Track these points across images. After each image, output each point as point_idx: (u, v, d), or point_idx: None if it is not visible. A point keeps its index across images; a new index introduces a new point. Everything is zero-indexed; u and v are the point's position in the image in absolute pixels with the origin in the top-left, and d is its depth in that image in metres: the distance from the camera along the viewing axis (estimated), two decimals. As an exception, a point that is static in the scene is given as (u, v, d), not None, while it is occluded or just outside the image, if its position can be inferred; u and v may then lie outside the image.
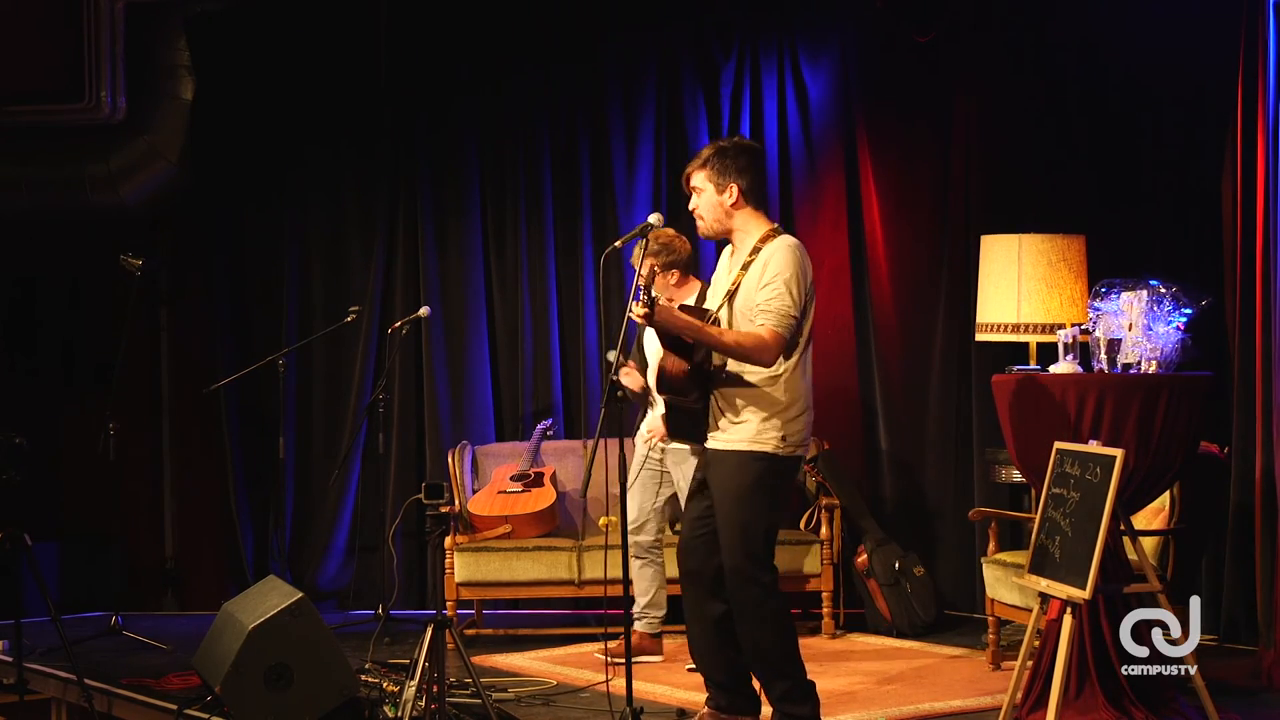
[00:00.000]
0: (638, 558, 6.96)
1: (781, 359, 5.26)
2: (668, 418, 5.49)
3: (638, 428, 7.16)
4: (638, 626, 6.96)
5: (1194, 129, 7.26)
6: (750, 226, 5.39)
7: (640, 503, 6.92)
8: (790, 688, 5.38)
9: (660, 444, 6.80)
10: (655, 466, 6.92)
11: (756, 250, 5.33)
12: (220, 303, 8.88)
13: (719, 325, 5.31)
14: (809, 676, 5.47)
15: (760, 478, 5.26)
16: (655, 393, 5.71)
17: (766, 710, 5.55)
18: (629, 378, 6.75)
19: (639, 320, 5.20)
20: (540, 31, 8.60)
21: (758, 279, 5.27)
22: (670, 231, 6.83)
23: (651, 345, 6.78)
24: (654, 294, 5.25)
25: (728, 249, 5.54)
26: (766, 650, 5.35)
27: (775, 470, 5.29)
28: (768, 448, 5.26)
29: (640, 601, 6.96)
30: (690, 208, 5.47)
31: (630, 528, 6.89)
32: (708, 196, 5.39)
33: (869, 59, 8.25)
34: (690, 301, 6.63)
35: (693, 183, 5.42)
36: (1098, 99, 7.57)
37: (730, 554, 5.30)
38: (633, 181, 8.50)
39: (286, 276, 8.81)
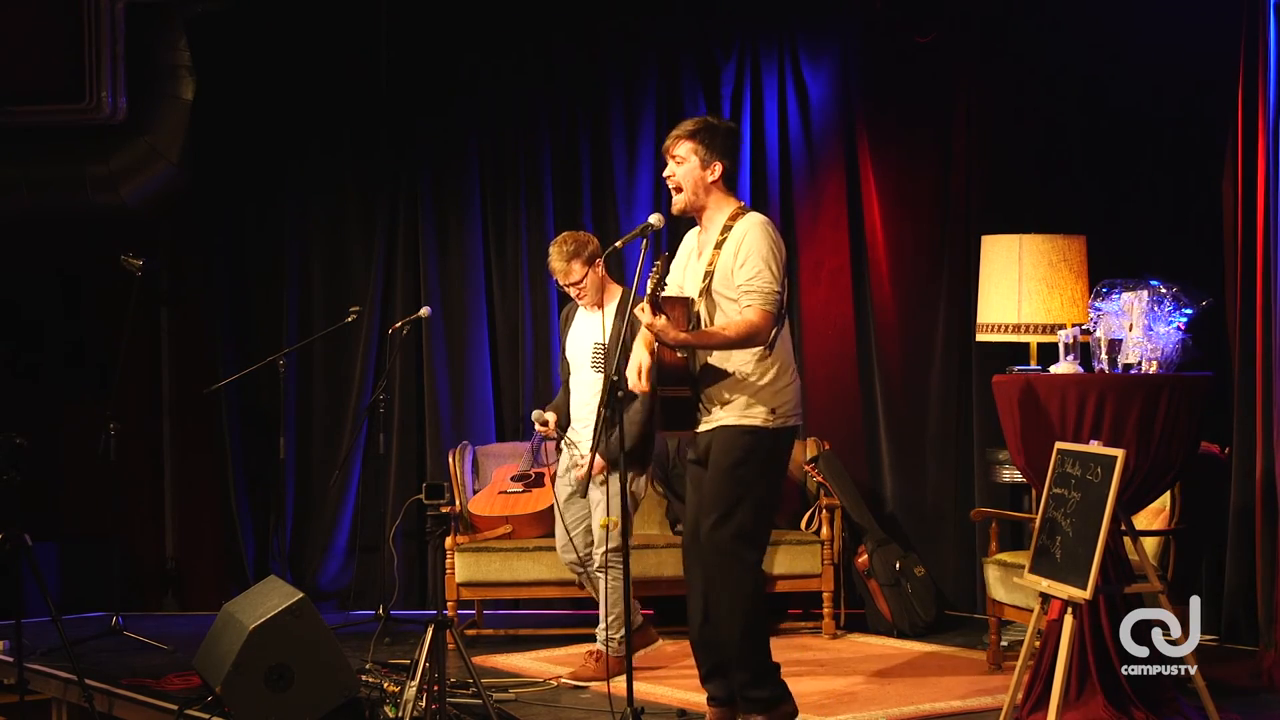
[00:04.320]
0: (578, 574, 6.92)
1: None
2: (661, 411, 5.47)
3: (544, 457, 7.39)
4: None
5: (1194, 129, 7.27)
6: (722, 206, 5.46)
7: (567, 520, 6.82)
8: (755, 673, 5.38)
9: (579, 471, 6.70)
10: (574, 484, 6.78)
11: (727, 229, 5.39)
12: (220, 303, 8.89)
13: (699, 316, 5.37)
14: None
15: (751, 450, 5.31)
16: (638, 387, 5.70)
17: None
18: (543, 427, 6.78)
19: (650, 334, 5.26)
20: (541, 32, 8.60)
21: (733, 258, 5.32)
22: (572, 234, 6.82)
23: (575, 349, 6.79)
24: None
25: (692, 233, 5.60)
26: (734, 630, 5.35)
27: (763, 444, 5.33)
28: (756, 421, 5.32)
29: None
30: (666, 175, 5.49)
31: (559, 545, 6.91)
32: (690, 168, 5.42)
33: (869, 59, 8.26)
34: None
35: (676, 151, 5.45)
36: (1098, 99, 7.57)
37: (712, 525, 5.30)
38: (633, 181, 8.51)
39: (286, 276, 8.82)
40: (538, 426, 6.86)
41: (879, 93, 8.26)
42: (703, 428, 5.41)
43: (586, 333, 6.75)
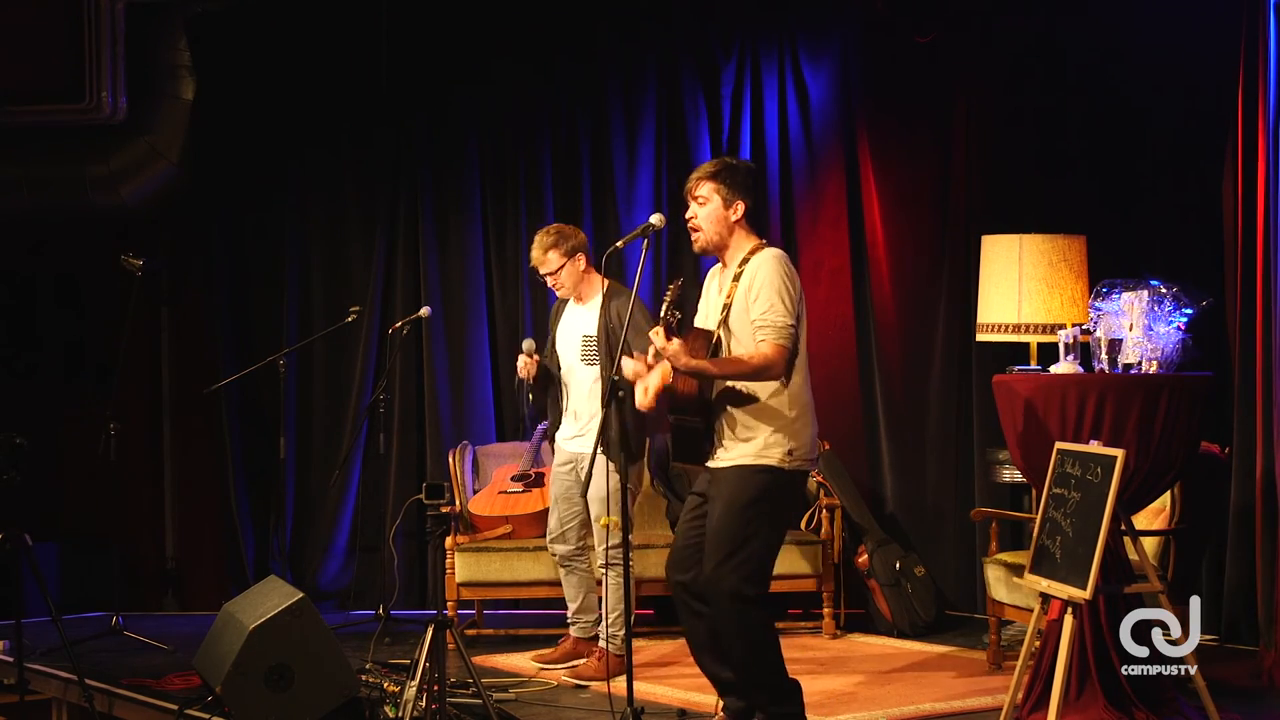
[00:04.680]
0: (562, 566, 6.92)
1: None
2: (672, 440, 5.46)
3: (542, 429, 7.23)
4: (571, 631, 6.94)
5: (1194, 129, 7.27)
6: (742, 244, 5.43)
7: (561, 513, 6.86)
8: (775, 695, 5.36)
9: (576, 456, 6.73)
10: (570, 477, 6.81)
11: (744, 263, 5.37)
12: (220, 303, 8.89)
13: (719, 347, 5.33)
14: (803, 677, 5.45)
15: (763, 491, 5.25)
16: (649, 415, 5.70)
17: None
18: (525, 368, 6.75)
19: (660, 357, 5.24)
20: (541, 32, 8.60)
21: (747, 293, 5.30)
22: (558, 225, 6.86)
23: (564, 344, 6.78)
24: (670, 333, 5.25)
25: (713, 270, 5.58)
26: (751, 663, 5.32)
27: (779, 485, 5.28)
28: (772, 461, 5.26)
29: (571, 608, 6.93)
30: (688, 217, 5.45)
31: (550, 538, 6.92)
32: (713, 208, 5.39)
33: (869, 59, 8.26)
34: (593, 302, 6.69)
35: (698, 192, 5.41)
36: (1098, 99, 7.57)
37: (715, 564, 5.23)
38: (633, 181, 8.51)
39: (286, 276, 8.82)
40: (522, 359, 6.78)
41: (879, 93, 8.26)
42: (714, 464, 5.36)
43: (575, 326, 6.76)
